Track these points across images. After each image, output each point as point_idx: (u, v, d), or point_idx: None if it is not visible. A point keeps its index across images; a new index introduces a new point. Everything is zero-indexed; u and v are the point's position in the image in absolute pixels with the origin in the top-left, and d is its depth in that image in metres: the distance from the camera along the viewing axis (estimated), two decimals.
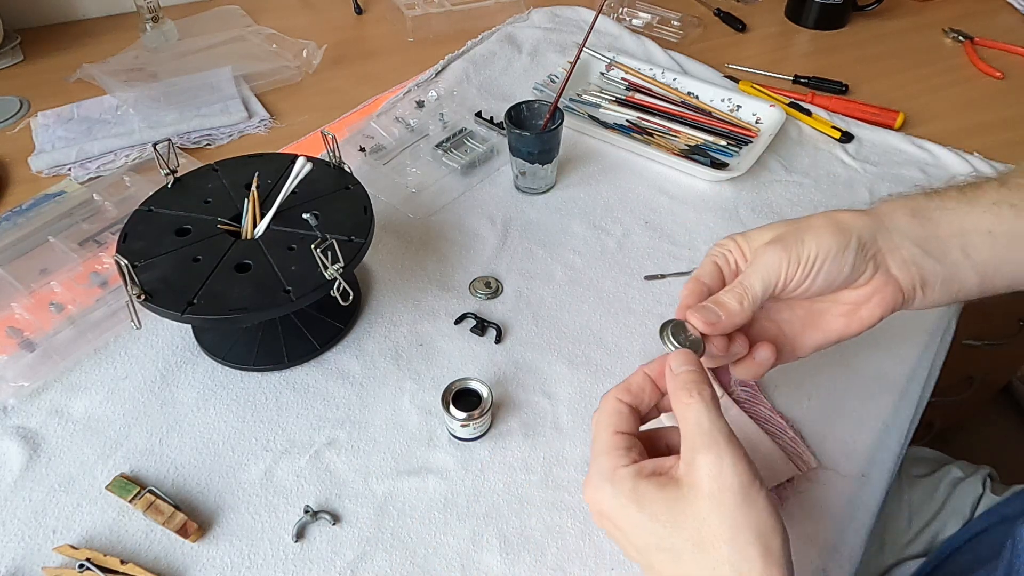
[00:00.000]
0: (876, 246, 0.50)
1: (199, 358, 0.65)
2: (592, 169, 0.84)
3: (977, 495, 0.69)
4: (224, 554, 0.52)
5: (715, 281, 0.52)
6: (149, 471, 0.57)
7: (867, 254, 0.50)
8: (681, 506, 0.40)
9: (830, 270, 0.49)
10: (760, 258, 0.50)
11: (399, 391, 0.62)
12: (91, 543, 0.53)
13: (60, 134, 0.88)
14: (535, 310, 0.69)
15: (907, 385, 0.63)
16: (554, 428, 0.60)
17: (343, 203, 0.64)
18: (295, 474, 0.57)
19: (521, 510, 0.55)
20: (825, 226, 0.49)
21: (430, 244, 0.75)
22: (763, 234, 0.51)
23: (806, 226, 0.50)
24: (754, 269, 0.50)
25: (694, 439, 0.41)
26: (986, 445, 1.49)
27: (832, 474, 0.57)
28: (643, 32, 1.07)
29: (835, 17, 1.10)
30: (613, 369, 0.64)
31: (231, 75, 0.96)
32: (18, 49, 1.04)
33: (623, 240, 0.76)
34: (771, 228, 0.51)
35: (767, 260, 0.49)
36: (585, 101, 0.93)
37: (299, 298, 0.56)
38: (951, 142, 0.87)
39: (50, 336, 0.65)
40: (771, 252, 0.49)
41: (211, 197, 0.65)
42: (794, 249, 0.49)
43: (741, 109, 0.90)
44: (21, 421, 0.60)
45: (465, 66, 0.99)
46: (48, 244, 0.72)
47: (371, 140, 0.85)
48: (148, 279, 0.57)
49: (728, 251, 0.52)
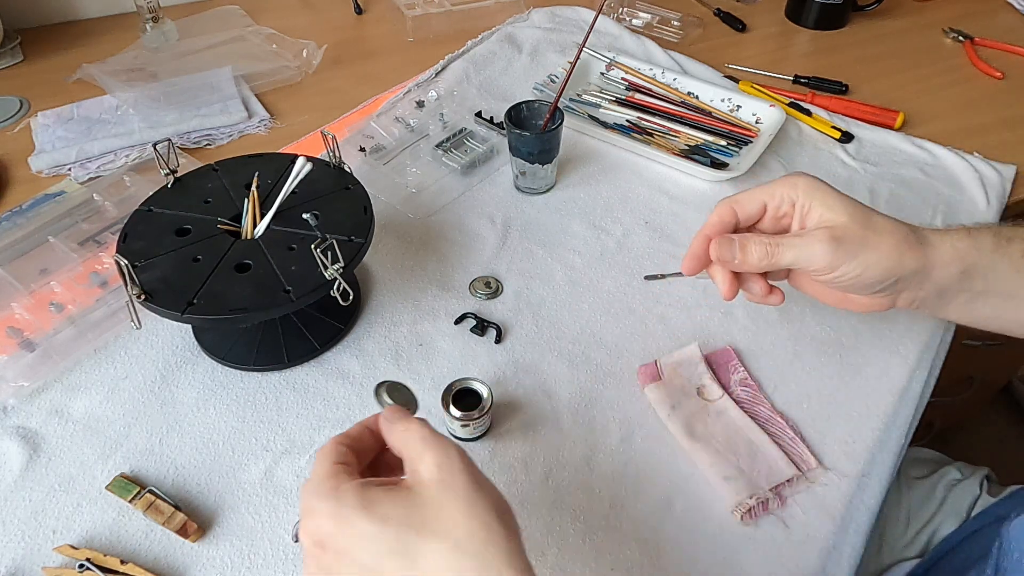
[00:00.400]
0: (907, 284, 0.51)
1: (199, 358, 0.65)
2: (592, 169, 0.84)
3: (974, 496, 0.69)
4: (224, 554, 0.52)
5: (754, 214, 0.52)
6: (149, 471, 0.57)
7: (895, 288, 0.51)
8: (412, 500, 0.37)
9: (856, 287, 0.50)
10: (808, 243, 0.49)
11: None
12: (91, 543, 0.53)
13: (60, 134, 0.88)
14: (535, 310, 0.69)
15: (907, 385, 0.63)
16: (554, 428, 0.60)
17: (343, 203, 0.64)
18: (295, 474, 0.57)
19: (521, 510, 0.55)
20: (884, 256, 0.49)
21: (430, 244, 0.75)
22: (828, 213, 0.50)
23: (867, 242, 0.49)
24: (794, 246, 0.50)
25: (419, 448, 0.39)
26: (985, 445, 1.49)
27: (832, 474, 0.57)
28: (643, 32, 1.07)
29: (835, 17, 1.10)
30: (613, 369, 0.64)
31: (231, 75, 0.96)
32: (18, 49, 1.04)
33: (623, 240, 0.76)
34: (840, 209, 0.50)
35: (813, 251, 0.49)
36: (585, 101, 0.93)
37: (299, 298, 0.56)
38: (951, 142, 0.87)
39: (50, 336, 0.65)
40: (820, 247, 0.49)
41: (211, 197, 0.65)
42: (843, 258, 0.49)
43: (741, 109, 0.90)
44: (21, 421, 0.60)
45: (465, 66, 0.99)
46: (48, 244, 0.72)
47: (371, 140, 0.85)
48: (148, 279, 0.57)
49: (783, 200, 0.52)
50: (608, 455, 0.58)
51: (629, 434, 0.59)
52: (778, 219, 0.53)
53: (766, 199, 0.52)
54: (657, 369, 0.62)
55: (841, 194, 0.51)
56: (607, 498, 0.55)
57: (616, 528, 0.54)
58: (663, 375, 0.62)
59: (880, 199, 0.80)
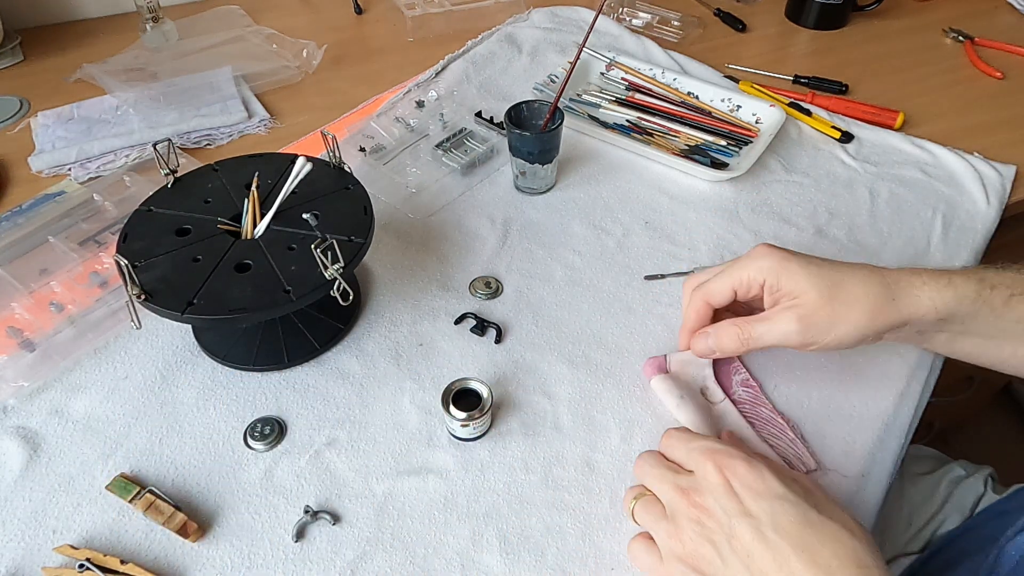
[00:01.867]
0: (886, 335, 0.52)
1: (199, 358, 0.65)
2: (592, 169, 0.84)
3: (978, 494, 0.69)
4: (224, 554, 0.52)
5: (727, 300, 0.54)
6: (149, 471, 0.57)
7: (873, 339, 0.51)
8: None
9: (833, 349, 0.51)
10: (778, 325, 0.51)
11: (399, 391, 0.62)
12: (91, 543, 0.53)
13: (60, 134, 0.88)
14: (535, 310, 0.69)
15: (907, 385, 0.63)
16: (554, 428, 0.60)
17: (343, 203, 0.64)
18: (295, 474, 0.57)
19: (521, 510, 0.55)
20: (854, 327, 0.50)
21: (430, 244, 0.75)
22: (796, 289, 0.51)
23: (836, 317, 0.50)
24: (767, 330, 0.51)
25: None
26: (986, 445, 1.49)
27: (833, 474, 0.57)
28: (643, 32, 1.07)
29: (835, 17, 1.10)
30: (613, 369, 0.64)
31: (231, 75, 0.96)
32: (18, 49, 1.04)
33: (623, 240, 0.76)
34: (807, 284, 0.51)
35: (784, 331, 0.51)
36: (585, 101, 0.93)
37: (299, 298, 0.56)
38: (951, 142, 0.87)
39: (50, 336, 0.65)
40: (790, 327, 0.50)
41: (211, 197, 0.65)
42: (814, 336, 0.50)
43: (741, 109, 0.90)
44: (21, 421, 0.60)
45: (465, 66, 0.99)
46: (48, 244, 0.72)
47: (371, 140, 0.85)
48: (148, 279, 0.57)
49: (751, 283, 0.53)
50: (608, 455, 0.58)
51: (629, 434, 0.59)
52: (749, 300, 0.55)
53: (735, 286, 0.54)
54: (666, 362, 0.62)
55: (808, 264, 0.52)
56: (607, 498, 0.55)
57: (616, 528, 0.54)
58: (670, 369, 0.62)
59: (880, 199, 0.80)
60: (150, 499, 0.54)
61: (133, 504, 0.54)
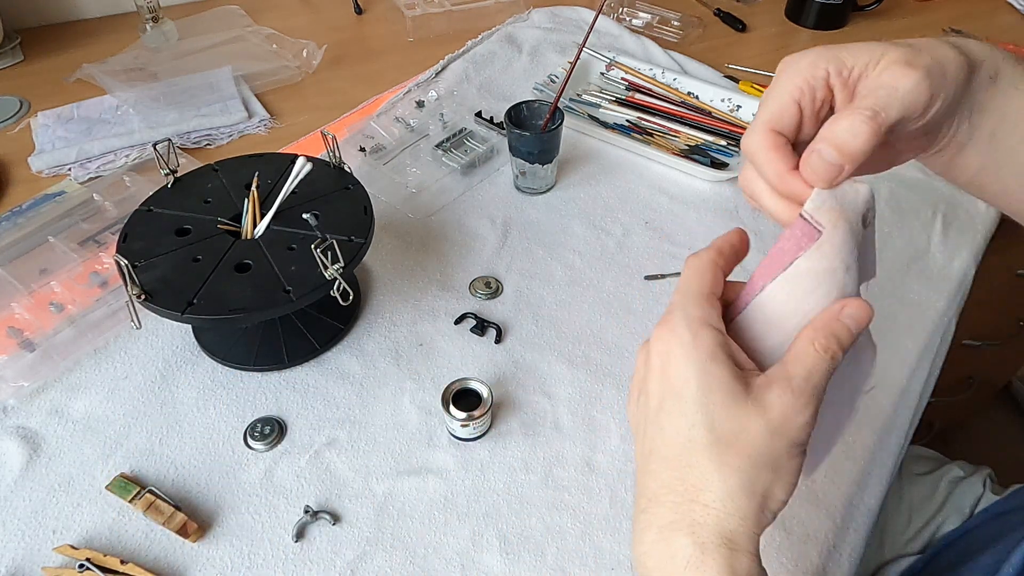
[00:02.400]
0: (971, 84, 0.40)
1: (199, 358, 0.65)
2: (592, 169, 0.84)
3: (977, 495, 0.69)
4: (224, 554, 0.52)
5: (795, 122, 0.40)
6: (149, 471, 0.57)
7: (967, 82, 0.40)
8: (739, 407, 0.35)
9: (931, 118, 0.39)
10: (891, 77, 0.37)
11: (399, 391, 0.62)
12: (91, 543, 0.53)
13: (60, 134, 0.88)
14: (535, 310, 0.69)
15: (907, 385, 0.63)
16: (554, 428, 0.60)
17: (343, 203, 0.64)
18: (295, 474, 0.57)
19: (521, 510, 0.55)
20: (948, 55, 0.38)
21: (430, 244, 0.75)
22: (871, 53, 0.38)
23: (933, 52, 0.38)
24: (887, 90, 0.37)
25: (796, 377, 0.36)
26: (986, 445, 1.49)
27: (833, 474, 0.57)
28: (643, 32, 1.07)
29: (835, 17, 1.10)
30: (613, 369, 0.64)
31: (231, 75, 0.96)
32: (18, 49, 1.04)
33: (623, 240, 0.76)
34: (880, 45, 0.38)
35: (904, 83, 0.37)
36: (585, 101, 0.93)
37: (299, 298, 0.56)
38: None
39: (50, 336, 0.65)
40: (909, 73, 0.37)
41: (211, 197, 0.65)
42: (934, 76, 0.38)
43: (741, 109, 0.90)
44: (21, 421, 0.60)
45: (465, 66, 0.99)
46: (48, 244, 0.72)
47: (371, 140, 0.85)
48: (148, 279, 0.57)
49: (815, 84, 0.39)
50: (608, 455, 0.58)
51: (629, 434, 0.59)
52: (818, 115, 0.41)
53: (795, 96, 0.40)
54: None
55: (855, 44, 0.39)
56: (607, 498, 0.55)
57: (616, 528, 0.54)
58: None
59: (880, 199, 0.80)
60: (150, 499, 0.54)
61: (133, 504, 0.54)
